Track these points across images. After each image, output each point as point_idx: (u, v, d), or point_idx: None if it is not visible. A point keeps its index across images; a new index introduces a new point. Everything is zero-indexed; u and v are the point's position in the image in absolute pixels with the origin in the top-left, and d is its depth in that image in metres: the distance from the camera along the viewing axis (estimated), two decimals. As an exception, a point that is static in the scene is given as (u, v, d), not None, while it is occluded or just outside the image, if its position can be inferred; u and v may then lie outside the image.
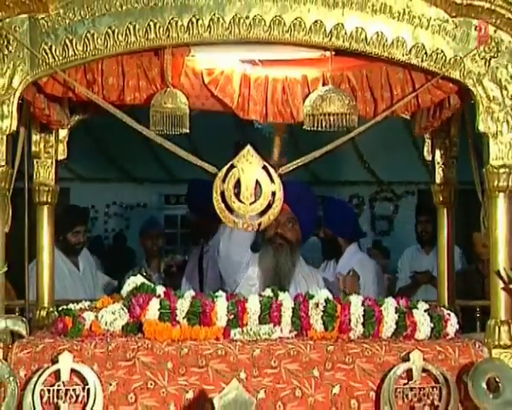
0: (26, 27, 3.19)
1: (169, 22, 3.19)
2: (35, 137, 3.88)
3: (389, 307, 3.35)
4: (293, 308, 3.35)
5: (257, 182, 3.23)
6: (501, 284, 3.22)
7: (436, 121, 3.75)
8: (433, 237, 6.98)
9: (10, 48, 3.19)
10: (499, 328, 3.22)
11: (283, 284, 3.97)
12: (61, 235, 7.20)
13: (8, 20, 3.18)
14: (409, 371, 3.17)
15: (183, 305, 3.33)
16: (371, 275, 5.92)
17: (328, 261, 6.36)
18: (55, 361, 3.14)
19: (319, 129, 3.38)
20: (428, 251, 7.55)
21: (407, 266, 7.73)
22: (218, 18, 3.18)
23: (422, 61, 3.24)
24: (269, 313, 3.32)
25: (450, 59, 3.22)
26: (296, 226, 4.88)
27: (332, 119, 3.36)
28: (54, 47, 3.20)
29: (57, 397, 3.13)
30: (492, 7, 3.17)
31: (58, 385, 3.13)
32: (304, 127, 3.44)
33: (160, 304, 3.33)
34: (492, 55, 3.21)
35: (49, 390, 3.13)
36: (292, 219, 4.80)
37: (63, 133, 3.97)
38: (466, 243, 7.42)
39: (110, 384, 3.17)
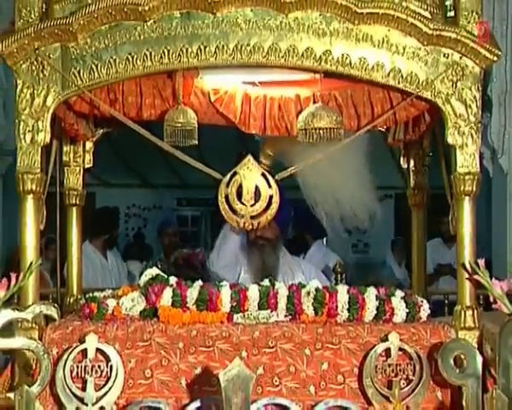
0: (58, 54, 3.20)
1: (180, 49, 3.19)
2: (65, 148, 3.90)
3: (371, 294, 3.36)
4: (287, 296, 3.35)
5: (256, 187, 3.23)
6: (466, 275, 3.23)
7: (411, 134, 3.76)
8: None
9: (45, 72, 3.20)
10: (465, 312, 3.23)
11: (271, 277, 3.98)
12: (107, 233, 7.39)
13: (43, 48, 3.19)
14: (387, 350, 3.18)
15: (192, 293, 3.35)
16: (332, 264, 5.96)
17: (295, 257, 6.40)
18: (82, 341, 3.15)
19: (310, 141, 3.39)
20: (451, 246, 7.54)
21: (429, 258, 7.71)
22: (223, 45, 3.18)
23: (399, 82, 3.24)
24: (267, 300, 3.33)
25: (422, 81, 3.23)
26: (273, 224, 4.84)
27: (321, 132, 3.37)
28: (82, 71, 3.20)
29: (84, 372, 3.14)
30: (458, 37, 3.17)
31: (85, 362, 3.14)
32: (297, 140, 3.45)
33: (173, 292, 3.35)
34: (458, 78, 3.22)
35: (77, 366, 3.14)
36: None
37: (89, 145, 3.98)
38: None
39: (130, 362, 3.19)
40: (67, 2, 3.20)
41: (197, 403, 3.09)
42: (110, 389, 3.13)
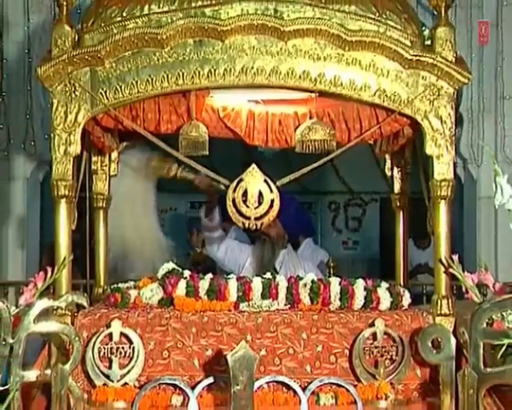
0: (87, 77, 3.21)
1: (193, 72, 3.19)
2: (94, 159, 3.90)
3: (359, 285, 3.36)
4: (287, 287, 3.35)
5: (260, 192, 3.23)
6: (442, 269, 3.24)
7: (394, 146, 3.77)
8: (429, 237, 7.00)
9: (76, 92, 3.20)
10: (441, 301, 3.24)
11: (266, 270, 3.97)
12: None
13: (75, 72, 3.20)
14: (374, 334, 3.18)
15: (203, 284, 3.34)
16: (321, 259, 5.97)
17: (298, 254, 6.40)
18: (108, 326, 3.16)
19: (307, 152, 3.39)
20: (424, 248, 7.57)
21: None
22: (230, 68, 3.19)
23: (384, 101, 3.25)
24: (269, 291, 3.33)
25: (404, 100, 3.24)
26: (278, 224, 4.87)
27: (316, 144, 3.38)
28: (108, 91, 3.21)
29: (110, 353, 3.15)
30: (434, 62, 3.18)
31: (111, 344, 3.15)
32: (295, 151, 3.46)
33: (187, 284, 3.34)
34: (435, 97, 3.22)
35: (104, 348, 3.15)
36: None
37: (114, 155, 3.98)
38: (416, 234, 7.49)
39: (149, 344, 3.19)
40: (96, 32, 3.21)
41: (209, 380, 3.10)
42: (132, 367, 3.14)
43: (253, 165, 3.27)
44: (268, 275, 3.43)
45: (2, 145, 6.91)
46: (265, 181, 3.25)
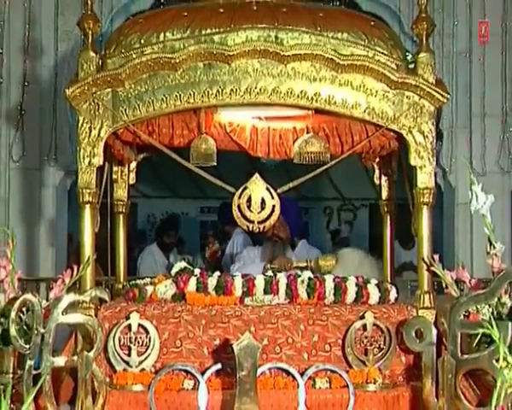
0: (109, 97, 3.21)
1: (203, 91, 3.19)
2: (114, 169, 3.88)
3: (351, 282, 3.35)
4: (286, 284, 3.34)
5: (262, 198, 3.23)
6: (425, 267, 3.23)
7: (382, 156, 3.76)
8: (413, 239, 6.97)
9: (100, 110, 3.21)
10: (423, 296, 3.22)
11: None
12: (159, 237, 7.60)
13: (98, 92, 3.20)
14: (364, 326, 3.17)
15: (212, 281, 3.33)
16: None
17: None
18: (127, 318, 3.16)
19: (304, 163, 3.39)
20: (410, 248, 7.56)
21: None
22: (236, 89, 3.19)
23: (373, 118, 3.24)
24: (270, 287, 3.32)
25: (390, 117, 3.23)
26: (286, 228, 4.89)
27: (313, 156, 3.37)
28: (127, 109, 3.21)
29: (129, 342, 3.14)
30: (417, 83, 3.18)
31: (130, 334, 3.14)
32: (294, 162, 3.46)
33: (197, 280, 3.33)
34: (418, 114, 3.22)
35: (124, 337, 3.14)
36: (283, 223, 4.80)
37: (133, 166, 3.98)
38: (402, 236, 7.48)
39: (164, 334, 3.18)
40: (117, 57, 3.21)
41: (217, 366, 3.09)
42: (149, 355, 3.13)
43: (256, 174, 3.27)
44: (269, 273, 3.43)
45: (17, 156, 6.95)
46: (267, 189, 3.25)
